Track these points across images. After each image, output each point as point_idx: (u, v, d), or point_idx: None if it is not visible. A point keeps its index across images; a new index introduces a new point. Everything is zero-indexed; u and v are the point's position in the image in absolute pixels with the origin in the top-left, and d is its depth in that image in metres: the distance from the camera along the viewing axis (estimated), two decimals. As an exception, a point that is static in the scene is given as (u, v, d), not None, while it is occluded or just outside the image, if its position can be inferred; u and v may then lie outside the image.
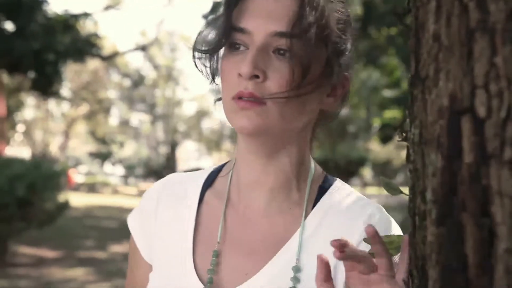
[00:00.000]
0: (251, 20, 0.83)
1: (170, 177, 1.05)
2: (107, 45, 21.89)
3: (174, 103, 28.95)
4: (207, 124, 32.66)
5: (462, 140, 0.51)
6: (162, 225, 0.99)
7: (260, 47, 0.82)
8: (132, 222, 1.06)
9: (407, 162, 0.64)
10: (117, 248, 10.56)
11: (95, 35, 12.93)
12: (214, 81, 0.94)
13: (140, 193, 26.10)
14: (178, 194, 1.00)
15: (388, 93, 15.20)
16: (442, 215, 0.54)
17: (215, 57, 0.91)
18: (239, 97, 0.83)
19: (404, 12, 0.68)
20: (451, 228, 0.52)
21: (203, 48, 0.92)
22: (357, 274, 0.67)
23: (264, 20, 0.83)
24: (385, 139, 17.39)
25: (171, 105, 28.66)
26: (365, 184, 34.89)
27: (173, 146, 30.12)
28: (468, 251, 0.50)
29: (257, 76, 0.81)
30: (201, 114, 30.14)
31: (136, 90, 26.66)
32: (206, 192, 0.98)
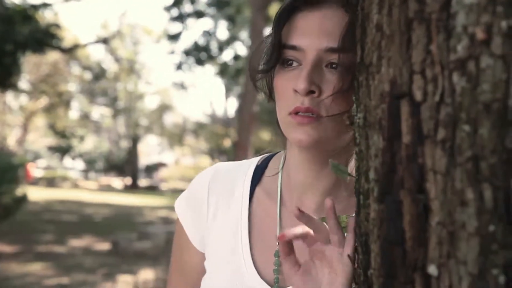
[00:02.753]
0: (303, 37, 0.87)
1: (217, 166, 1.09)
2: (68, 37, 21.51)
3: (136, 97, 28.64)
4: (170, 119, 32.44)
5: (401, 122, 0.55)
6: (215, 214, 1.03)
7: (314, 63, 0.85)
8: (180, 208, 1.09)
9: (354, 145, 0.68)
10: (76, 243, 10.43)
11: (55, 26, 12.67)
12: (271, 99, 0.97)
13: (101, 188, 25.80)
14: (226, 184, 1.04)
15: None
16: (383, 192, 0.57)
17: (270, 76, 0.95)
18: (296, 112, 0.86)
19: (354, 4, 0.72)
20: (390, 205, 0.56)
21: (258, 68, 0.96)
22: (315, 247, 0.73)
23: (316, 37, 0.86)
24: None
25: (133, 99, 28.36)
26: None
27: (135, 140, 29.81)
28: (405, 226, 0.54)
29: (313, 92, 0.84)
30: (164, 108, 29.93)
31: (97, 83, 26.28)
32: (255, 189, 1.02)
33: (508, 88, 0.47)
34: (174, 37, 19.46)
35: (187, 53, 19.74)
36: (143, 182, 30.69)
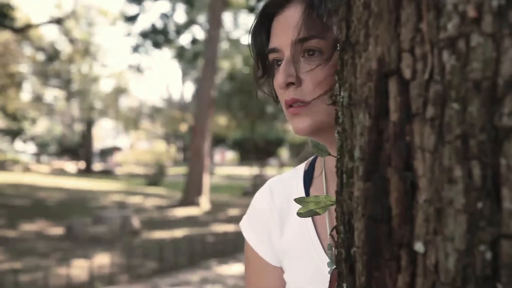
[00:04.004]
0: (278, 38, 0.96)
1: (269, 183, 1.15)
2: (20, 17, 20.86)
3: (90, 80, 28.09)
4: (125, 102, 31.99)
5: (389, 100, 0.55)
6: (282, 227, 1.07)
7: (289, 58, 0.93)
8: (248, 233, 1.13)
9: (336, 124, 0.68)
10: (29, 227, 10.22)
11: (7, 6, 12.29)
12: (278, 102, 1.03)
13: (53, 171, 25.29)
14: (285, 193, 1.09)
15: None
16: (368, 171, 0.58)
17: (271, 80, 1.03)
18: (289, 106, 0.94)
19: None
20: (376, 183, 0.56)
21: (256, 76, 1.05)
22: None
23: (286, 33, 0.94)
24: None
25: (87, 82, 27.79)
26: (282, 165, 35.38)
27: (89, 124, 29.31)
28: (391, 203, 0.55)
29: (292, 83, 0.92)
30: (119, 91, 29.46)
31: (51, 64, 25.63)
32: (310, 191, 1.07)
33: (497, 67, 0.47)
34: (131, 19, 19.13)
35: (144, 35, 19.46)
36: (97, 166, 30.25)
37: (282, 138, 27.74)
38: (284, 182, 1.12)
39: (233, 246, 9.35)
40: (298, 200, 0.77)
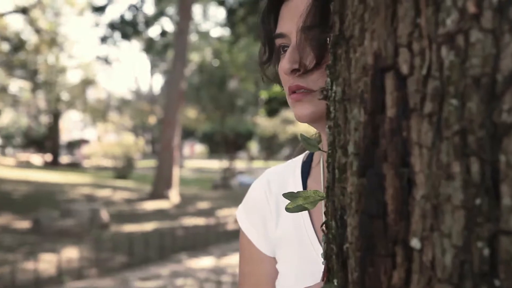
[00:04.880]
0: (286, 24, 0.96)
1: (267, 172, 1.15)
2: (-16, 6, 20.38)
3: (57, 71, 27.59)
4: (93, 94, 31.56)
5: (385, 95, 0.55)
6: (278, 217, 1.07)
7: (295, 44, 0.93)
8: (243, 222, 1.13)
9: (327, 119, 0.67)
10: (-6, 220, 10.03)
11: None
12: (282, 88, 1.03)
13: (19, 164, 24.81)
14: (281, 186, 1.09)
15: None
16: (363, 166, 0.57)
17: (276, 66, 1.03)
18: (292, 92, 0.94)
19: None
20: (372, 178, 0.56)
21: (261, 61, 1.06)
22: None
23: (294, 19, 0.94)
24: (271, 112, 17.76)
25: (54, 73, 27.30)
26: (251, 158, 35.44)
27: (56, 115, 28.83)
28: (387, 199, 0.54)
29: (297, 69, 0.91)
30: (87, 83, 29.02)
31: (16, 55, 25.09)
32: (307, 182, 1.07)
33: (497, 63, 0.47)
34: (99, 10, 18.84)
35: (113, 27, 19.20)
36: (64, 159, 29.83)
37: (251, 131, 27.76)
38: (282, 172, 1.13)
39: (203, 240, 9.33)
40: (287, 195, 0.76)
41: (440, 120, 0.50)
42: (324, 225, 0.69)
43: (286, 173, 1.12)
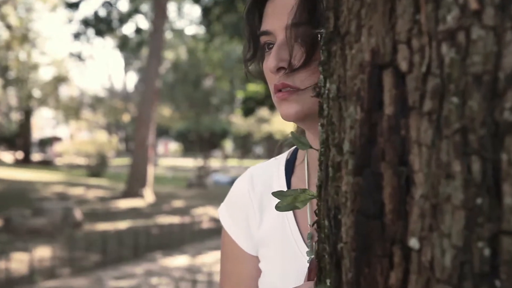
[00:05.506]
0: (271, 21, 0.94)
1: (250, 170, 1.14)
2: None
3: (29, 67, 27.16)
4: (66, 91, 31.15)
5: (383, 93, 0.54)
6: (262, 215, 1.06)
7: (282, 41, 0.91)
8: (225, 220, 1.11)
9: (319, 117, 0.66)
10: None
11: None
12: (267, 86, 1.01)
13: (-10, 162, 24.36)
14: (265, 184, 1.07)
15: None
16: (359, 165, 0.56)
17: (260, 63, 1.01)
18: (278, 90, 0.92)
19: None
20: (368, 177, 0.55)
21: (245, 59, 1.04)
22: None
23: (280, 17, 0.92)
24: (247, 111, 17.74)
25: (25, 69, 26.87)
26: (226, 156, 35.40)
27: (27, 113, 28.41)
28: (385, 198, 0.53)
29: (283, 68, 0.90)
30: (59, 80, 28.61)
31: (-14, 51, 24.62)
32: (291, 180, 1.06)
33: (499, 60, 0.47)
34: (72, 6, 18.59)
35: (86, 23, 18.97)
36: (36, 156, 29.41)
37: (226, 130, 27.72)
38: (265, 170, 1.11)
39: (178, 238, 9.28)
40: (276, 194, 0.75)
41: (440, 118, 0.49)
42: (315, 224, 0.67)
43: (270, 171, 1.10)
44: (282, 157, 1.12)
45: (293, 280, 0.96)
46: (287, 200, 0.73)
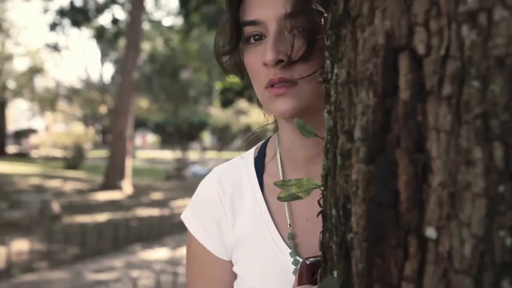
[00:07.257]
0: (260, 10, 0.87)
1: (216, 171, 1.07)
2: None
3: (3, 58, 26.69)
4: (41, 82, 30.70)
5: (398, 77, 0.52)
6: (234, 217, 1.01)
7: (277, 33, 0.85)
8: (192, 225, 1.05)
9: (326, 103, 0.64)
10: None
11: None
12: (244, 78, 0.97)
13: (-36, 154, 23.94)
14: (235, 185, 1.02)
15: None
16: (372, 152, 0.54)
17: (237, 55, 0.96)
18: (271, 85, 0.87)
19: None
20: (382, 165, 0.53)
21: (222, 51, 0.96)
22: None
23: (272, 6, 0.86)
24: (226, 103, 17.71)
25: (0, 60, 26.40)
26: (204, 148, 35.30)
27: (2, 104, 27.95)
28: (400, 187, 0.51)
29: (281, 61, 0.84)
30: (34, 71, 28.17)
31: (-41, 41, 24.14)
32: (263, 178, 1.01)
33: (522, 43, 0.45)
34: (48, -4, 18.30)
35: (62, 13, 18.70)
36: (11, 148, 29.00)
37: (204, 122, 27.60)
38: (233, 170, 1.05)
39: (157, 231, 9.22)
40: (278, 184, 0.73)
41: (459, 103, 0.47)
42: (320, 214, 0.65)
43: (238, 171, 1.04)
44: (249, 155, 1.06)
45: (277, 281, 0.93)
46: (290, 190, 0.71)
